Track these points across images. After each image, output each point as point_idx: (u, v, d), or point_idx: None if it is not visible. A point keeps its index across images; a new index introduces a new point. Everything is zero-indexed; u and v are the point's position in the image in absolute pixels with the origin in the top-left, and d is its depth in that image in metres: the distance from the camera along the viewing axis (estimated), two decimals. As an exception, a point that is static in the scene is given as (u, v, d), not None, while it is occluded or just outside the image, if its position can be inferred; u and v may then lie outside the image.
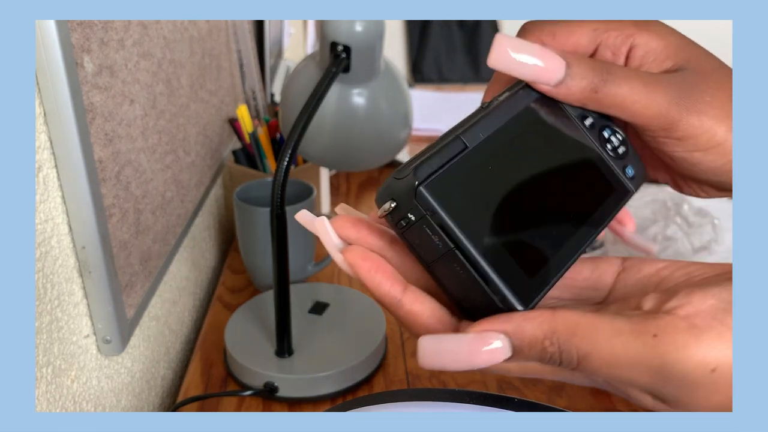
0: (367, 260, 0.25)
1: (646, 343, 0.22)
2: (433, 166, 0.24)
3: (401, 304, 0.25)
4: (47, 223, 0.43)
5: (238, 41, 1.01)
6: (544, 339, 0.23)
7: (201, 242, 0.83)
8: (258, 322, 0.67)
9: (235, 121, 0.91)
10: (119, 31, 0.52)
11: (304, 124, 0.53)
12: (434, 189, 0.24)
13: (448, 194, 0.24)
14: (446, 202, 0.24)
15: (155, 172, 0.61)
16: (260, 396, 0.61)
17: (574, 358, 0.23)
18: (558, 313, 0.23)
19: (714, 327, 0.21)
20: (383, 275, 0.25)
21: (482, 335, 0.23)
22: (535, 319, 0.23)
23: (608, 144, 0.29)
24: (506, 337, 0.23)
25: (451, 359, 0.24)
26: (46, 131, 0.42)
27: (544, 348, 0.23)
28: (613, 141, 0.30)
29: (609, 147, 0.29)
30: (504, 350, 0.23)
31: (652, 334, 0.22)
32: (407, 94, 0.66)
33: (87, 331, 0.50)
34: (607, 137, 0.29)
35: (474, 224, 0.24)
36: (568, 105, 0.28)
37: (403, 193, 0.24)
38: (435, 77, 2.97)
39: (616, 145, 0.30)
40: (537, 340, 0.23)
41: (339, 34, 0.57)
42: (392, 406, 0.31)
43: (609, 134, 0.30)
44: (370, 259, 0.25)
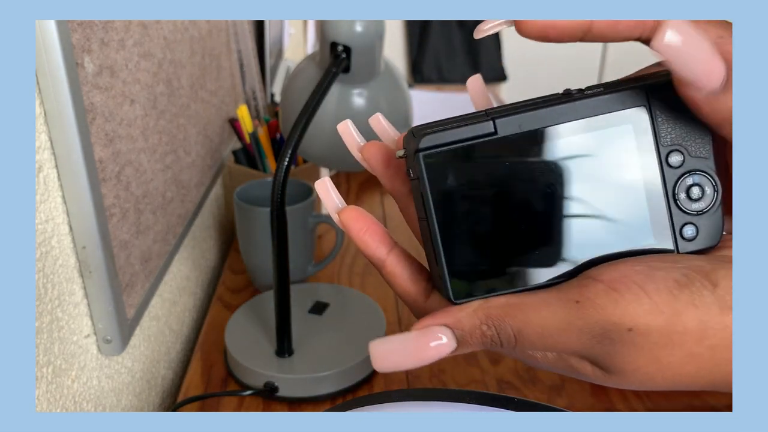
0: (359, 221, 0.27)
1: (570, 308, 0.23)
2: (446, 139, 0.24)
3: (384, 264, 0.27)
4: (48, 223, 0.43)
5: (239, 41, 1.01)
6: (481, 324, 0.24)
7: (201, 242, 0.83)
8: (258, 322, 0.68)
9: (235, 121, 0.91)
10: (120, 32, 0.52)
11: (304, 124, 0.53)
12: (433, 160, 0.24)
13: (445, 170, 0.24)
14: (438, 176, 0.24)
15: (155, 172, 0.61)
16: (260, 396, 0.61)
17: (511, 336, 0.24)
18: (490, 299, 0.25)
19: (631, 289, 0.22)
20: (371, 236, 0.27)
21: (425, 331, 0.25)
22: (469, 308, 0.25)
23: (683, 192, 0.25)
24: (448, 329, 0.25)
25: (401, 358, 0.25)
26: (46, 131, 0.42)
27: (483, 333, 0.24)
28: (693, 191, 0.25)
29: (682, 195, 0.25)
30: (449, 343, 0.24)
31: (575, 300, 0.23)
32: (407, 94, 0.66)
33: (87, 331, 0.50)
34: (691, 184, 0.25)
35: (455, 208, 0.25)
36: (663, 131, 0.25)
37: (410, 150, 0.25)
38: (435, 77, 2.97)
39: (695, 197, 0.25)
40: (475, 326, 0.24)
41: (339, 34, 0.57)
42: (392, 406, 0.31)
43: (694, 181, 0.25)
44: (362, 219, 0.27)
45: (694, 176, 0.25)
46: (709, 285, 0.22)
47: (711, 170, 0.25)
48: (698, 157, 0.25)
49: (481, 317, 0.24)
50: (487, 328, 0.24)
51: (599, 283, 0.23)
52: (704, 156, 0.25)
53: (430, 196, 0.25)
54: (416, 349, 0.25)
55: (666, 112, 0.25)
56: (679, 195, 0.25)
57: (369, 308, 0.70)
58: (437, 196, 0.25)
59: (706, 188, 0.25)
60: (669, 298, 0.22)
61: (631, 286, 0.23)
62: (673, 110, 0.25)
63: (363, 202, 1.05)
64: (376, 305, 0.70)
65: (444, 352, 0.25)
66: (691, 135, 0.25)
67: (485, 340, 0.24)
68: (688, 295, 0.22)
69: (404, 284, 0.27)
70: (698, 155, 0.25)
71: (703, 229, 0.25)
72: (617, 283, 0.23)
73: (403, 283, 0.27)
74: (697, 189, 0.25)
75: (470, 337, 0.24)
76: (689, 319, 0.22)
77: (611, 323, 0.22)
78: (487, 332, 0.24)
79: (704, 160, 0.25)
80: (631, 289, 0.22)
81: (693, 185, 0.25)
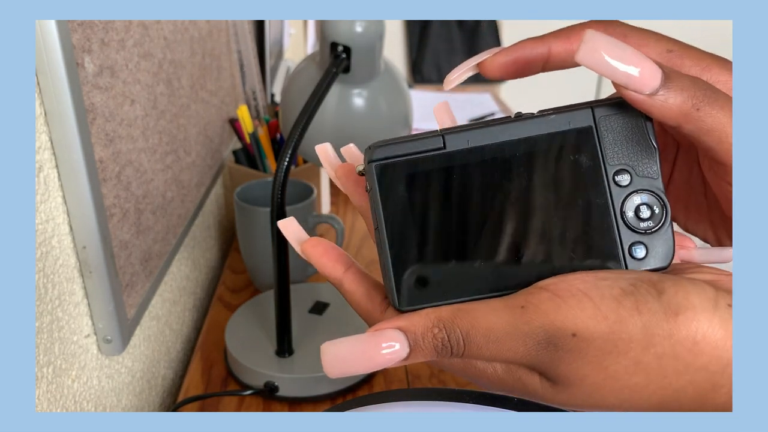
0: (317, 247, 0.29)
1: (515, 313, 0.23)
2: (398, 151, 0.26)
3: (341, 282, 0.29)
4: (48, 223, 0.43)
5: (239, 41, 1.01)
6: (433, 327, 0.24)
7: (201, 242, 0.83)
8: (258, 322, 0.68)
9: (235, 121, 0.91)
10: (120, 32, 0.52)
11: (304, 124, 0.53)
12: (385, 171, 0.26)
13: (396, 182, 0.26)
14: (390, 188, 0.26)
15: (156, 172, 0.61)
16: (260, 396, 0.61)
17: (460, 340, 0.24)
18: (442, 306, 0.25)
19: (576, 296, 0.23)
20: (327, 258, 0.29)
21: (377, 333, 0.25)
22: (422, 312, 0.25)
23: (630, 211, 0.25)
24: (401, 334, 0.25)
25: (351, 363, 0.25)
26: (46, 131, 0.42)
27: (434, 335, 0.24)
28: (642, 211, 0.25)
29: (629, 213, 0.25)
30: (402, 349, 0.25)
31: (520, 306, 0.24)
32: (407, 94, 0.66)
33: (88, 331, 0.50)
34: (639, 203, 0.25)
35: (406, 219, 0.26)
36: (609, 151, 0.25)
37: (365, 162, 0.26)
38: (435, 77, 2.97)
39: (645, 217, 0.25)
40: (427, 328, 0.25)
41: (339, 35, 0.57)
42: (392, 406, 0.31)
43: (642, 201, 0.25)
44: (320, 246, 0.29)
45: (642, 195, 0.25)
46: (654, 292, 0.22)
47: (659, 190, 0.25)
48: (646, 176, 0.25)
49: (433, 319, 0.25)
50: (438, 331, 0.24)
51: (544, 291, 0.24)
52: (652, 176, 0.25)
53: (380, 205, 0.26)
54: (367, 353, 0.25)
55: (612, 132, 0.25)
56: (626, 214, 0.25)
57: (369, 308, 0.70)
58: (388, 207, 0.26)
59: (654, 208, 0.25)
60: (613, 305, 0.22)
61: (575, 293, 0.23)
62: (620, 130, 0.25)
63: (363, 202, 1.05)
64: (376, 305, 0.70)
65: (396, 359, 0.25)
66: (638, 155, 0.25)
67: (436, 344, 0.24)
68: (632, 302, 0.22)
69: (361, 300, 0.28)
70: (646, 175, 0.25)
71: (653, 249, 0.25)
72: (562, 291, 0.23)
73: (359, 298, 0.28)
74: (645, 208, 0.25)
75: (422, 341, 0.25)
76: (633, 326, 0.22)
77: (555, 328, 0.23)
78: (438, 335, 0.24)
79: (652, 180, 0.25)
80: (575, 296, 0.23)
81: (641, 204, 0.25)
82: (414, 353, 0.25)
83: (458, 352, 0.24)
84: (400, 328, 0.25)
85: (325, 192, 0.97)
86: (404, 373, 0.65)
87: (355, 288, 0.28)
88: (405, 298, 0.26)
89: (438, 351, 0.25)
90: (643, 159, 0.25)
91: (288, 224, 0.30)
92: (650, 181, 0.25)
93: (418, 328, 0.25)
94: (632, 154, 0.25)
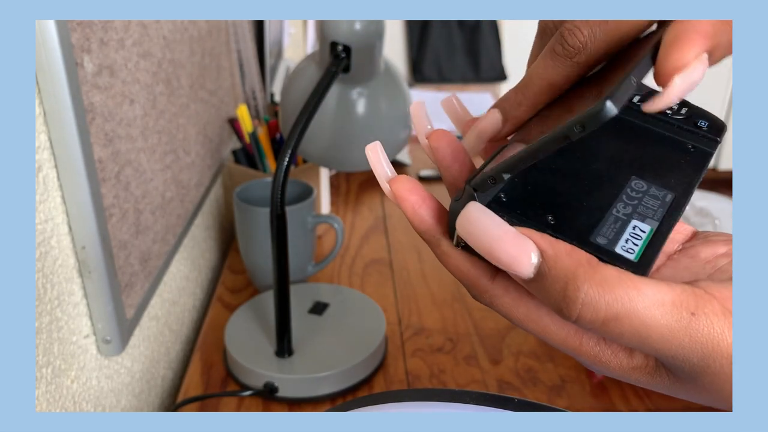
0: (413, 193, 0.25)
1: (682, 319, 0.21)
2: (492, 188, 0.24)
3: (440, 243, 0.25)
4: (47, 223, 0.43)
5: (238, 41, 1.01)
6: (576, 279, 0.21)
7: (201, 242, 0.83)
8: (258, 322, 0.67)
9: (235, 121, 0.91)
10: (119, 31, 0.52)
11: (304, 124, 0.53)
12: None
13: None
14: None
15: (155, 172, 0.61)
16: (260, 396, 0.61)
17: (600, 316, 0.21)
18: (602, 264, 0.22)
19: None
20: (427, 210, 0.25)
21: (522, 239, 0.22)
22: (576, 255, 0.21)
23: (668, 110, 0.28)
24: (538, 256, 0.22)
25: (480, 231, 0.22)
26: (46, 131, 0.42)
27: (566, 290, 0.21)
28: (672, 106, 0.27)
29: (670, 112, 0.28)
30: (527, 263, 0.22)
31: (690, 312, 0.21)
32: (407, 94, 0.66)
33: (87, 331, 0.50)
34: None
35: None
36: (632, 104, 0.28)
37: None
38: (435, 77, 2.97)
39: (677, 109, 0.28)
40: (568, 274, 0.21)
41: (339, 34, 0.57)
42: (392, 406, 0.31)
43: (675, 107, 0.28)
44: (417, 192, 0.25)
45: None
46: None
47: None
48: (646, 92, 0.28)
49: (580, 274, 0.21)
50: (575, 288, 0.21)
51: (715, 300, 0.21)
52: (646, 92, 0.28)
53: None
54: (498, 241, 0.22)
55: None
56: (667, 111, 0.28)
57: (369, 308, 0.70)
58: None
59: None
60: None
61: None
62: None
63: (363, 202, 1.05)
64: (376, 305, 0.70)
65: (519, 266, 0.22)
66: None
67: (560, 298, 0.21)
68: None
69: (463, 265, 0.25)
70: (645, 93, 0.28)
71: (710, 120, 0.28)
72: (731, 304, 0.21)
73: (461, 264, 0.25)
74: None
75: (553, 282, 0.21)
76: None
77: (718, 351, 0.21)
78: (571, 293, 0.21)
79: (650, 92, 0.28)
80: None
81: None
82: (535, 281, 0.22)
83: (571, 317, 0.21)
84: (542, 251, 0.22)
85: (325, 192, 0.97)
86: (404, 373, 0.65)
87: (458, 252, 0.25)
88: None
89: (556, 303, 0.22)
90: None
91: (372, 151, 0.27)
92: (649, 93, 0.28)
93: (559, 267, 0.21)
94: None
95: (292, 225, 0.69)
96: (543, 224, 0.23)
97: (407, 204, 0.25)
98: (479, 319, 0.74)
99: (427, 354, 0.68)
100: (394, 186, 0.25)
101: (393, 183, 0.25)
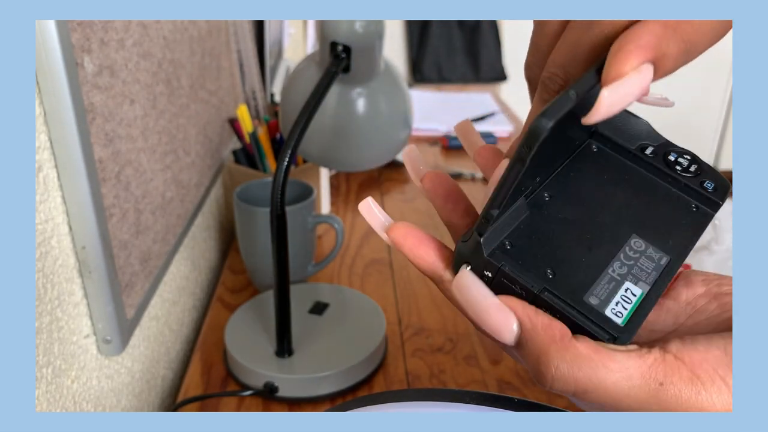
0: (410, 237, 0.26)
1: (651, 389, 0.22)
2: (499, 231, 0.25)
3: (442, 279, 0.26)
4: (47, 223, 0.43)
5: (238, 41, 1.01)
6: (548, 354, 0.23)
7: (201, 242, 0.83)
8: (258, 322, 0.68)
9: (235, 121, 0.91)
10: (119, 31, 0.52)
11: (304, 124, 0.53)
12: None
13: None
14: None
15: (155, 172, 0.61)
16: (260, 396, 0.61)
17: (570, 389, 0.23)
18: (577, 338, 0.23)
19: (715, 382, 0.22)
20: (425, 250, 0.26)
21: (505, 313, 0.24)
22: (551, 331, 0.23)
23: (677, 166, 0.29)
24: (518, 327, 0.23)
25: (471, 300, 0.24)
26: (46, 131, 0.42)
27: (539, 363, 0.23)
28: (681, 162, 0.29)
29: (679, 168, 0.29)
30: (509, 333, 0.24)
31: (659, 382, 0.22)
32: (407, 94, 0.66)
33: (87, 331, 0.50)
34: (674, 160, 0.29)
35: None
36: (620, 141, 0.29)
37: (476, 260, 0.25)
38: (435, 77, 2.97)
39: (686, 165, 0.29)
40: (542, 348, 0.23)
41: (339, 34, 0.57)
42: (392, 406, 0.31)
43: (675, 157, 0.29)
44: (413, 234, 0.26)
45: (672, 154, 0.29)
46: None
47: (671, 144, 0.29)
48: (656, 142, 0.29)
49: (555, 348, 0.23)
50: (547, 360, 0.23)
51: (683, 366, 0.22)
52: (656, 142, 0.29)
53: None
54: (484, 312, 0.24)
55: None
56: (676, 168, 0.28)
57: (369, 308, 0.70)
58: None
59: (685, 156, 0.29)
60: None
61: (714, 378, 0.22)
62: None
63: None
64: (376, 305, 0.70)
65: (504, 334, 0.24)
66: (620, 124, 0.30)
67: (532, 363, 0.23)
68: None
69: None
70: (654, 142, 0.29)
71: (716, 182, 0.28)
72: (700, 370, 0.22)
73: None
74: (683, 158, 0.29)
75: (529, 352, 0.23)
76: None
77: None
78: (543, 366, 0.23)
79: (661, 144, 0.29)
80: (714, 382, 0.22)
81: (677, 158, 0.29)
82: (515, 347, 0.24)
83: (545, 383, 0.23)
84: (522, 326, 0.23)
85: (325, 192, 0.97)
86: (404, 373, 0.65)
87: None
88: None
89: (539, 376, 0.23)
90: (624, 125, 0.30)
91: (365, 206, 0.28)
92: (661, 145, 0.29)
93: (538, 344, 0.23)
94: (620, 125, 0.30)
95: (292, 225, 0.69)
96: (542, 277, 0.25)
97: (406, 248, 0.26)
98: (479, 319, 0.74)
99: (427, 354, 0.68)
100: (391, 234, 0.27)
101: (390, 231, 0.27)
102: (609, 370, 0.22)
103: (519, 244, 0.25)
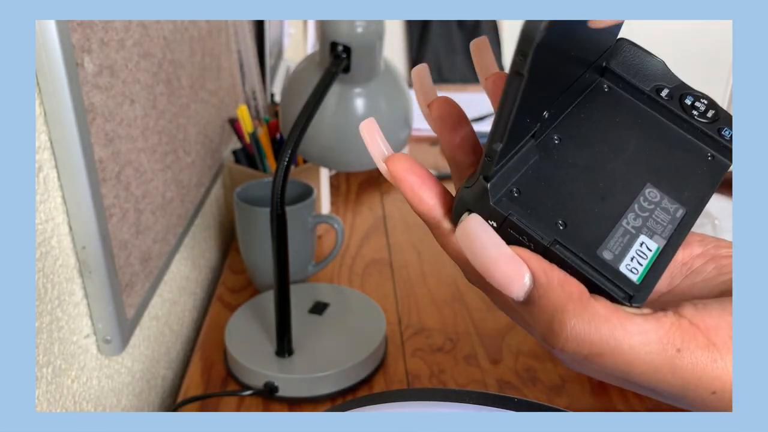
0: (412, 173, 0.24)
1: (668, 354, 0.21)
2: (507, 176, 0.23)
3: (440, 224, 0.25)
4: (47, 223, 0.43)
5: (238, 41, 1.01)
6: (564, 313, 0.21)
7: (201, 242, 0.83)
8: (258, 322, 0.68)
9: (235, 121, 0.91)
10: (119, 32, 0.52)
11: (304, 124, 0.53)
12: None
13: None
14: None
15: (155, 172, 0.61)
16: (260, 396, 0.61)
17: (584, 351, 0.21)
18: (594, 297, 0.22)
19: (731, 349, 0.21)
20: (426, 191, 0.24)
21: (517, 263, 0.22)
22: (568, 288, 0.22)
23: (694, 110, 0.27)
24: (531, 281, 0.22)
25: (478, 248, 0.22)
26: (46, 131, 0.42)
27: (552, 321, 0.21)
28: (698, 106, 0.27)
29: (696, 113, 0.27)
30: (520, 287, 0.22)
31: (676, 348, 0.21)
32: (407, 94, 0.66)
33: (87, 331, 0.50)
34: (690, 104, 0.27)
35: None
36: (634, 81, 0.27)
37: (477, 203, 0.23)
38: (435, 77, 2.97)
39: (703, 110, 0.27)
40: (558, 307, 0.21)
41: (339, 34, 0.57)
42: (392, 406, 0.31)
43: (692, 101, 0.27)
44: (415, 171, 0.24)
45: (688, 97, 0.27)
46: None
47: (688, 87, 0.28)
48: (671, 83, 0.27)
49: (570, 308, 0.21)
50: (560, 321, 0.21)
51: (700, 333, 0.21)
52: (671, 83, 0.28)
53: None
54: (494, 262, 0.22)
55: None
56: (693, 113, 0.27)
57: (369, 308, 0.70)
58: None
59: (702, 101, 0.27)
60: None
61: (729, 345, 0.21)
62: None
63: (363, 202, 1.05)
64: (376, 305, 0.70)
65: (512, 288, 0.22)
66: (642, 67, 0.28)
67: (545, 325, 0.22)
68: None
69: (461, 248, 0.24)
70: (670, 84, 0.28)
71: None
72: (715, 337, 0.21)
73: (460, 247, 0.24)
74: (699, 102, 0.27)
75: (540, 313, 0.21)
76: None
77: (700, 384, 0.21)
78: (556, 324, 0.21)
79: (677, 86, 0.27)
80: (730, 350, 0.21)
81: (694, 102, 0.27)
82: (525, 305, 0.22)
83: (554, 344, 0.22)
84: (535, 275, 0.22)
85: (325, 192, 0.97)
86: (404, 373, 0.65)
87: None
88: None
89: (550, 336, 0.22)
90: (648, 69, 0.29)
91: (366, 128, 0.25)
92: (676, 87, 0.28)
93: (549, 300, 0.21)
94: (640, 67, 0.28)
95: (292, 225, 0.69)
96: (552, 229, 0.23)
97: (406, 185, 0.24)
98: (479, 318, 0.74)
99: (427, 354, 0.68)
100: (391, 165, 0.24)
101: (390, 162, 0.24)
102: (627, 332, 0.21)
103: (527, 192, 0.23)
